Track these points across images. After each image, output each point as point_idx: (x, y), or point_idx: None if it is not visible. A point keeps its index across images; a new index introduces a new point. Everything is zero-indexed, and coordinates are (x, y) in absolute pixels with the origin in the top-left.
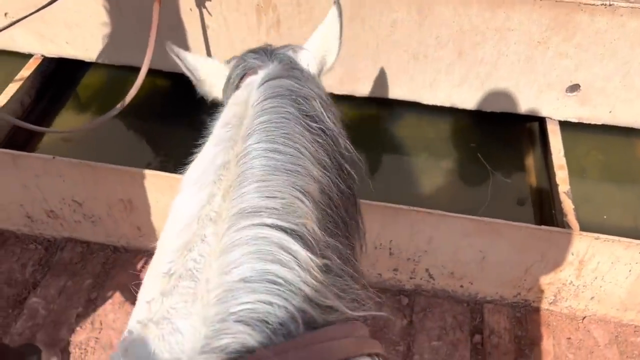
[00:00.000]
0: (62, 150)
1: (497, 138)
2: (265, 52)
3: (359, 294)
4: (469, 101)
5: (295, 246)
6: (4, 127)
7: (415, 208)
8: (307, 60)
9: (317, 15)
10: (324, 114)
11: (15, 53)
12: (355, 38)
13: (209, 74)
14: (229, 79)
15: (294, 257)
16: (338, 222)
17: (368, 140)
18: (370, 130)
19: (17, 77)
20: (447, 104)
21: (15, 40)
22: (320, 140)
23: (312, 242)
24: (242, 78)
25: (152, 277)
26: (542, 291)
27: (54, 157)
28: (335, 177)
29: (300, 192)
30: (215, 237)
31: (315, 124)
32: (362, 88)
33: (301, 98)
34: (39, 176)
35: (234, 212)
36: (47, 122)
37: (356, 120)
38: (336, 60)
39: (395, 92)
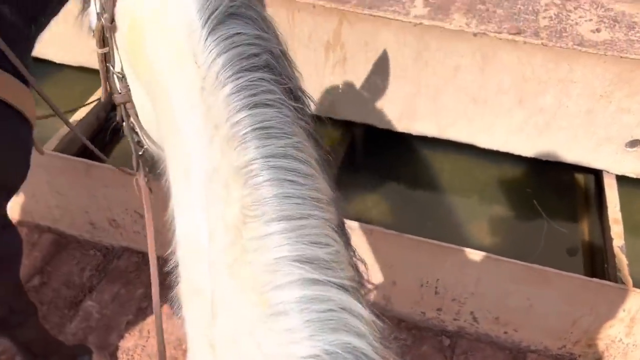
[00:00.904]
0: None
1: (552, 186)
2: None
3: None
4: (525, 148)
5: (357, 306)
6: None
7: (465, 248)
8: None
9: (384, 54)
10: (291, 70)
11: (95, 70)
12: (417, 78)
13: None
14: None
15: (361, 321)
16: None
17: (421, 179)
18: (423, 169)
19: (95, 92)
20: (503, 149)
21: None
22: (309, 128)
23: (360, 294)
24: None
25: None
26: (589, 346)
27: (119, 169)
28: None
29: (333, 229)
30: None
31: (297, 104)
32: (420, 127)
33: (273, 59)
34: (107, 186)
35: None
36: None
37: (411, 159)
38: None
39: (452, 133)
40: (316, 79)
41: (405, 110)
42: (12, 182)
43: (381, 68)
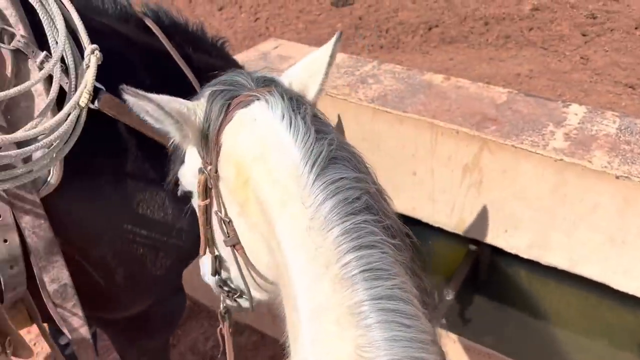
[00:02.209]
0: None
1: None
2: (243, 73)
3: None
4: None
5: None
6: None
7: None
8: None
9: (522, 183)
10: (387, 206)
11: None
12: (553, 210)
13: (180, 112)
14: (206, 118)
15: None
16: None
17: (545, 311)
18: (549, 301)
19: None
20: None
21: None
22: (407, 263)
23: None
24: (227, 111)
25: None
26: None
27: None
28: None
29: None
30: None
31: (395, 241)
32: (551, 258)
33: (371, 199)
34: None
35: None
36: None
37: (536, 288)
38: (320, 92)
39: (585, 270)
40: (449, 196)
41: (536, 240)
42: (193, 249)
43: (516, 196)
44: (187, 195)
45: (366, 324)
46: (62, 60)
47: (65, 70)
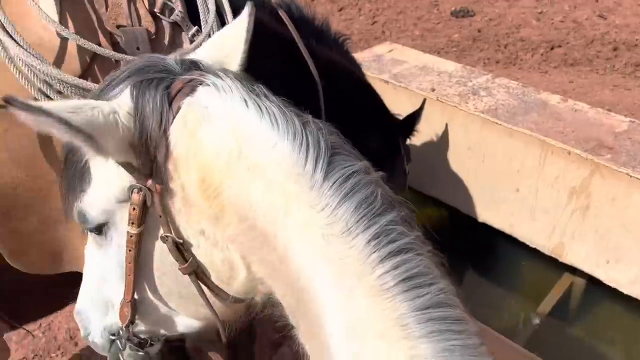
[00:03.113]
0: None
1: None
2: (159, 57)
3: None
4: None
5: None
6: None
7: None
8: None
9: (632, 214)
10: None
11: None
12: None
13: (92, 123)
14: (139, 118)
15: None
16: None
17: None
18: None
19: None
20: None
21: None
22: (436, 254)
23: None
24: (170, 103)
25: None
26: None
27: None
28: None
29: None
30: None
31: (419, 232)
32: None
33: (384, 192)
34: None
35: None
36: None
37: (631, 329)
38: (240, 70)
39: None
40: (551, 218)
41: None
42: None
43: (625, 226)
44: (95, 232)
45: (418, 336)
46: (209, 35)
47: None
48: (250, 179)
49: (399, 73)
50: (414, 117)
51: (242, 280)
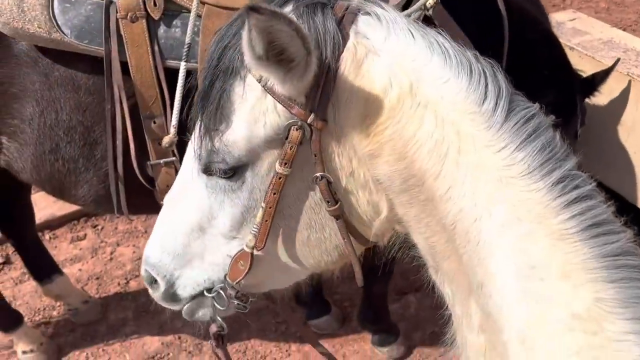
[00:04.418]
0: None
1: None
2: None
3: None
4: None
5: None
6: None
7: None
8: None
9: None
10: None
11: None
12: None
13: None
14: (319, 43)
15: None
16: None
17: None
18: None
19: None
20: None
21: None
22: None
23: None
24: (341, 31)
25: None
26: None
27: None
28: None
29: None
30: None
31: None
32: None
33: (559, 136)
34: None
35: None
36: None
37: None
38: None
39: None
40: None
41: None
42: None
43: None
44: (224, 176)
45: (606, 280)
46: None
47: None
48: (419, 117)
49: (579, 44)
50: (599, 77)
51: (382, 220)
